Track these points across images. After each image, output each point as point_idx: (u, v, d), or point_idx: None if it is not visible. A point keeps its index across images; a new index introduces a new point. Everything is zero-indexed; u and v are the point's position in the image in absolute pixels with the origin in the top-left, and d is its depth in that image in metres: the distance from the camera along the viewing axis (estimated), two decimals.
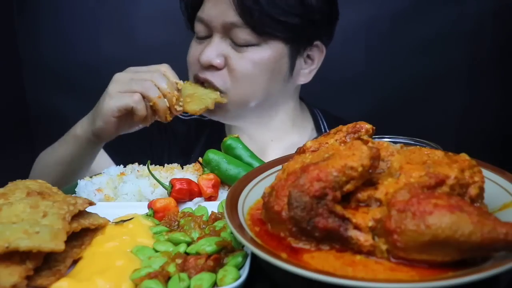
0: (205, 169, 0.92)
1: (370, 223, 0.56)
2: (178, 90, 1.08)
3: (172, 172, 0.95)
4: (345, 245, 0.57)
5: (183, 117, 1.45)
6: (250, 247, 0.55)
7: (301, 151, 0.72)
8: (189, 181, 0.85)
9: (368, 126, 0.72)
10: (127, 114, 1.05)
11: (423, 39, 1.81)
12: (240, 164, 0.93)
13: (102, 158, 1.31)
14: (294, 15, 1.17)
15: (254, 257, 0.62)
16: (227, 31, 1.16)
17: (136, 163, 1.02)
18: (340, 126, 0.74)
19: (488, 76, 1.84)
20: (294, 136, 1.36)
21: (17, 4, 1.89)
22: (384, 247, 0.55)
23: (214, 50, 1.17)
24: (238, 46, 1.17)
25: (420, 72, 1.84)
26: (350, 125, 0.73)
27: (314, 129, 1.41)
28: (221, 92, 1.19)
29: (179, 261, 0.62)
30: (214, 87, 1.18)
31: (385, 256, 0.55)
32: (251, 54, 1.18)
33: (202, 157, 0.94)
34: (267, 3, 1.13)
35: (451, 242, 0.50)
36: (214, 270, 0.61)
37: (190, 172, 0.95)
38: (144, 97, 1.04)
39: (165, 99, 1.04)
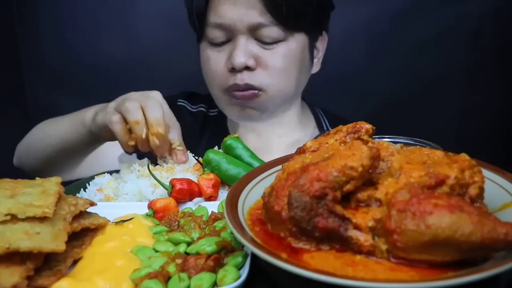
0: (205, 169, 0.92)
1: (370, 223, 0.56)
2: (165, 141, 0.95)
3: (172, 172, 0.95)
4: (345, 245, 0.57)
5: (190, 108, 1.45)
6: (250, 247, 0.55)
7: (301, 151, 0.72)
8: (189, 181, 0.85)
9: (368, 126, 0.72)
10: (111, 132, 0.98)
11: (423, 39, 1.81)
12: (240, 164, 0.93)
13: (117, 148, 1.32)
14: (313, 5, 1.21)
15: (254, 257, 0.62)
16: (252, 31, 1.16)
17: (137, 163, 1.02)
18: (340, 126, 0.74)
19: (488, 76, 1.84)
20: (299, 133, 1.37)
21: (17, 5, 1.89)
22: (384, 247, 0.55)
23: (244, 52, 1.16)
24: (266, 44, 1.18)
25: (420, 72, 1.84)
26: (350, 125, 0.73)
27: (316, 127, 1.42)
28: (261, 90, 1.19)
29: (179, 261, 0.62)
30: (254, 88, 1.19)
31: (385, 256, 0.55)
32: (280, 49, 1.19)
33: (202, 157, 0.94)
34: None
35: (451, 242, 0.50)
36: (214, 270, 0.61)
37: (190, 172, 0.95)
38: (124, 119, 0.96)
39: (143, 128, 0.93)
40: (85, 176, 1.03)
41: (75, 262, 0.65)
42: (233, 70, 1.18)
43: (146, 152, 0.99)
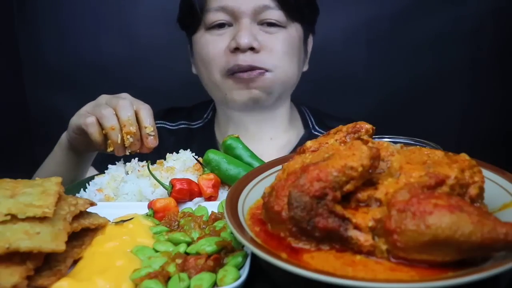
0: (205, 169, 0.92)
1: (370, 223, 0.56)
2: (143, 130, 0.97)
3: (172, 172, 0.95)
4: (345, 245, 0.57)
5: (170, 127, 1.44)
6: (250, 247, 0.55)
7: (301, 151, 0.72)
8: (189, 181, 0.85)
9: (368, 126, 0.72)
10: (86, 134, 0.99)
11: (423, 39, 1.81)
12: (240, 164, 0.93)
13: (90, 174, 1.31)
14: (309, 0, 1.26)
15: (254, 257, 0.62)
16: (256, 14, 1.19)
17: (137, 163, 1.02)
18: (340, 126, 0.74)
19: (488, 76, 1.84)
20: (289, 135, 1.37)
21: (17, 4, 1.89)
22: (384, 247, 0.55)
23: (249, 33, 1.17)
24: (268, 28, 1.20)
25: (420, 72, 1.84)
26: (350, 125, 0.73)
27: (302, 126, 1.41)
28: (267, 70, 1.20)
29: (179, 261, 0.62)
30: (260, 69, 1.20)
31: (385, 256, 0.55)
32: (282, 35, 1.22)
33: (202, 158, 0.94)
34: None
35: (451, 242, 0.50)
36: (214, 270, 0.61)
37: (190, 172, 0.95)
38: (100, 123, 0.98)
39: (118, 134, 0.95)
40: None
41: (75, 262, 0.65)
42: (236, 51, 1.18)
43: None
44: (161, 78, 1.82)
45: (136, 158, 1.03)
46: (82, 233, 0.69)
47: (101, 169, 1.32)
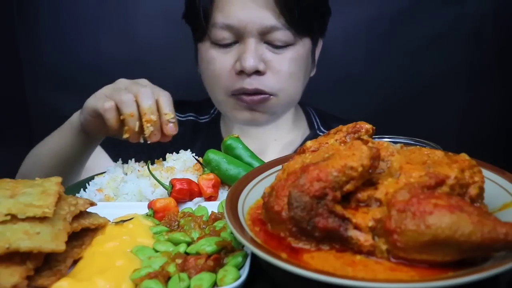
0: (205, 169, 0.92)
1: (370, 223, 0.56)
2: (164, 119, 0.96)
3: (172, 172, 0.95)
4: (345, 245, 0.57)
5: (179, 117, 1.44)
6: (250, 247, 0.55)
7: (301, 151, 0.72)
8: (189, 181, 0.85)
9: (368, 126, 0.72)
10: (101, 118, 0.97)
11: (423, 39, 1.81)
12: (240, 164, 0.93)
13: (101, 156, 1.30)
14: (320, 11, 1.24)
15: (254, 257, 0.62)
16: (263, 34, 1.15)
17: (137, 163, 1.03)
18: (340, 126, 0.74)
19: (488, 76, 1.84)
20: (292, 135, 1.37)
21: (17, 4, 1.89)
22: (384, 247, 0.55)
23: (255, 55, 1.14)
24: (276, 48, 1.17)
25: (420, 72, 1.84)
26: (350, 125, 0.73)
27: (307, 127, 1.41)
28: (272, 95, 1.19)
29: (179, 261, 0.62)
30: (264, 93, 1.18)
31: (385, 256, 0.55)
32: (289, 54, 1.19)
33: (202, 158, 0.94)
34: (305, 2, 1.15)
35: (451, 242, 0.50)
36: (214, 270, 0.61)
37: (190, 172, 0.95)
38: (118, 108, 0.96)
39: (136, 121, 0.94)
40: None
41: (75, 262, 0.65)
42: (241, 73, 1.16)
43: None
44: (161, 78, 1.81)
45: (133, 159, 1.03)
46: (82, 233, 0.69)
47: (110, 151, 1.32)
